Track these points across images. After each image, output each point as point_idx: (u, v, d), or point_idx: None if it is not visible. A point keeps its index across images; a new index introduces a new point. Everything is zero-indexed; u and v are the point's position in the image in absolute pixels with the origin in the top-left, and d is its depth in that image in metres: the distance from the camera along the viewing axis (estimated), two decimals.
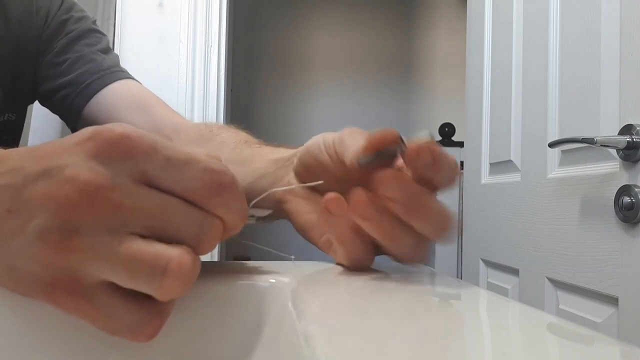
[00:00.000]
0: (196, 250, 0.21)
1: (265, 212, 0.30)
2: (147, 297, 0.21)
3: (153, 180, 0.21)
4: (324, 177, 0.33)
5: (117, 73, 0.63)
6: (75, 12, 0.65)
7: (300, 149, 0.37)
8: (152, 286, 0.20)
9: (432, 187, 0.28)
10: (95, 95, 0.61)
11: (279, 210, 0.38)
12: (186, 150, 0.22)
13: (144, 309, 0.21)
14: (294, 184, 0.37)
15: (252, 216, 0.28)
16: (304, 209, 0.37)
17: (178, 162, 0.21)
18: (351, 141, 0.31)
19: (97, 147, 0.21)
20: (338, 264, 0.33)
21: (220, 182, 0.22)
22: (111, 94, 0.61)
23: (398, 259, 0.30)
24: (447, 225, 0.28)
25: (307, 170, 0.37)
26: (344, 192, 0.28)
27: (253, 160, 0.43)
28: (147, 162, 0.21)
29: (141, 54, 1.50)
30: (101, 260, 0.20)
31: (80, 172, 0.20)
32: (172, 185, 0.21)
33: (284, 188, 0.36)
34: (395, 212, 0.27)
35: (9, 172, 0.21)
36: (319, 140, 0.34)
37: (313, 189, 0.35)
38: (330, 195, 0.28)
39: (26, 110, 0.66)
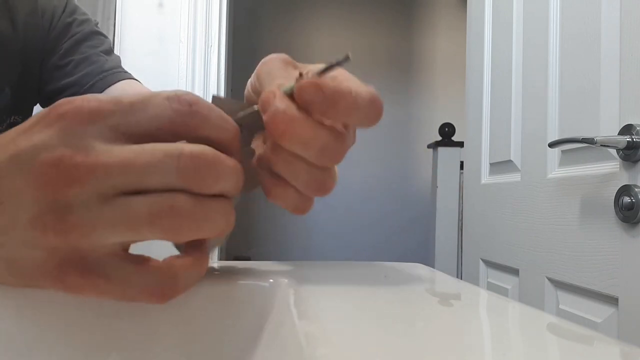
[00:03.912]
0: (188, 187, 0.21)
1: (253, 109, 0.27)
2: (157, 260, 0.22)
3: (126, 131, 0.21)
4: None
5: (119, 74, 0.64)
6: (78, 14, 0.67)
7: None
8: (155, 233, 0.20)
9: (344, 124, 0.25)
10: None
11: None
12: (145, 91, 0.21)
13: (155, 268, 0.21)
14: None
15: (241, 125, 0.26)
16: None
17: (141, 103, 0.21)
18: (266, 75, 0.28)
19: (60, 120, 0.20)
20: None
21: (188, 102, 0.21)
22: (114, 94, 0.62)
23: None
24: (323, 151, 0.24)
25: None
26: None
27: None
28: (113, 116, 0.21)
29: (141, 54, 1.50)
30: (102, 227, 0.20)
31: (52, 151, 0.20)
32: (145, 126, 0.21)
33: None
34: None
35: None
36: (247, 83, 0.31)
37: None
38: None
39: (32, 112, 0.67)
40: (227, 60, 1.61)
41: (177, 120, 0.21)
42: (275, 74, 0.28)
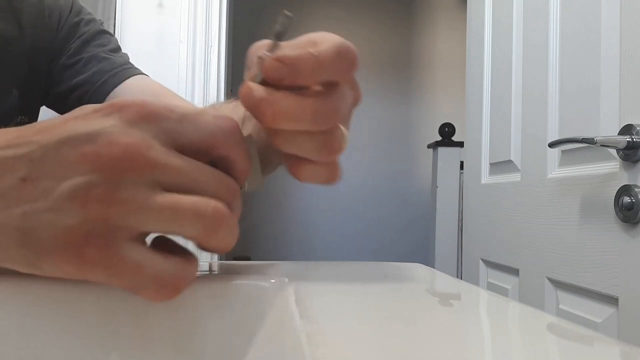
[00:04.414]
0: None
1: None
2: (172, 253, 0.23)
3: (175, 138, 0.23)
4: None
5: (130, 70, 0.65)
6: (84, 15, 0.68)
7: None
8: (196, 227, 0.22)
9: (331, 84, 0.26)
10: (111, 92, 0.63)
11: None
12: (195, 107, 0.24)
13: (169, 260, 0.23)
14: None
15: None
16: None
17: (191, 117, 0.24)
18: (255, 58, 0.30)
19: (121, 112, 0.23)
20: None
21: (230, 125, 0.25)
22: (126, 90, 0.63)
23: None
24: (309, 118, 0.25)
25: None
26: None
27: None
28: (168, 121, 0.23)
29: (141, 54, 1.49)
30: (144, 211, 0.21)
31: (118, 137, 0.22)
32: (191, 136, 0.23)
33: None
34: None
35: (21, 144, 0.23)
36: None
37: None
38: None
39: (38, 113, 0.68)
40: (227, 60, 1.61)
41: (218, 136, 0.24)
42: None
